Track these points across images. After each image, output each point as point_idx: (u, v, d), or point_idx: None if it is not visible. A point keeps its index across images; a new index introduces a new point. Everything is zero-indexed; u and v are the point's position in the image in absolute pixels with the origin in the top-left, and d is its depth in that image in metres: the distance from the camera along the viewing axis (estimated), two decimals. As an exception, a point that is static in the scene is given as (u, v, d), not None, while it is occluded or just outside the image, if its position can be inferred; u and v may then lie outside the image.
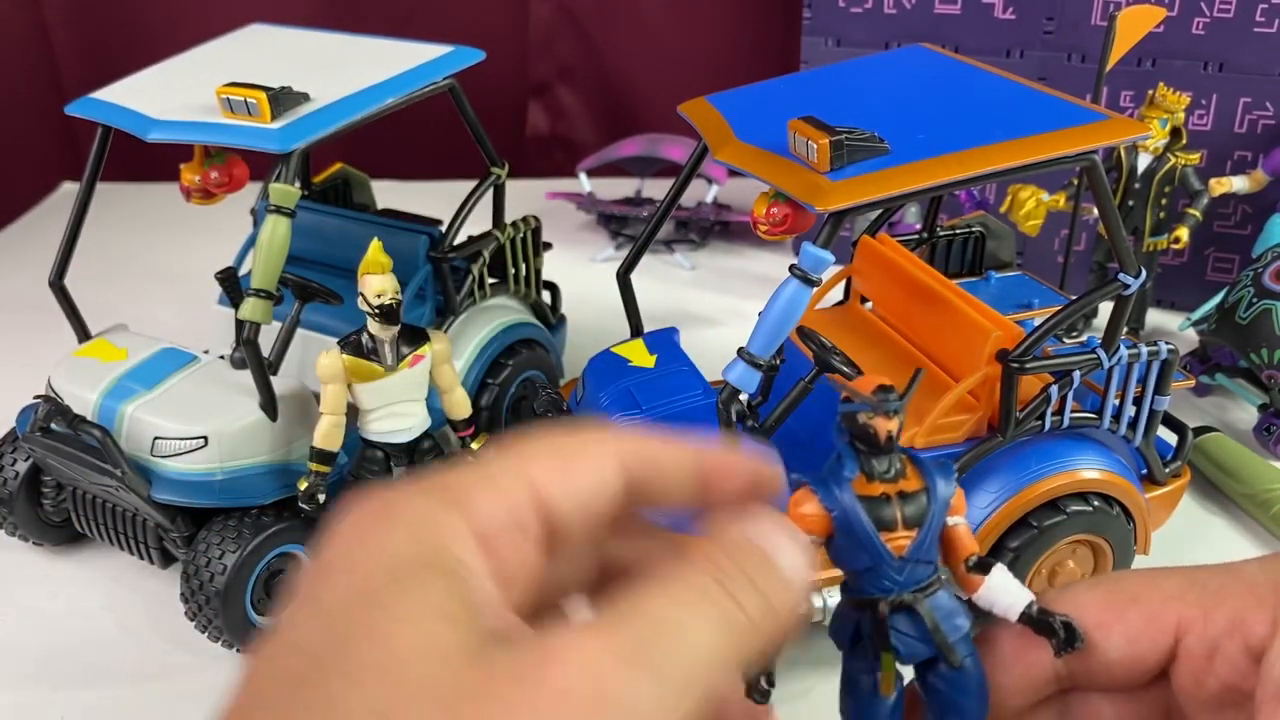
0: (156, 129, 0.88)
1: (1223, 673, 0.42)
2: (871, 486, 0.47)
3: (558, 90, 2.05)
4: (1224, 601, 0.42)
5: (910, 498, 0.48)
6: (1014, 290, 1.08)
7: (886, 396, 0.47)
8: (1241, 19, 1.27)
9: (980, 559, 0.49)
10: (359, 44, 1.02)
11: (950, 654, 0.47)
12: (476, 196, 1.06)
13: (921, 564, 0.48)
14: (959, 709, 0.48)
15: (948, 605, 0.48)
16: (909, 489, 0.48)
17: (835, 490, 0.47)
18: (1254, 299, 1.12)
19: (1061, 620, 0.45)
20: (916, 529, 0.47)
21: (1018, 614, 0.47)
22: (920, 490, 0.48)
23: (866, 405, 0.47)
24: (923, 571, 0.48)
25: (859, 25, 1.46)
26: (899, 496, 0.48)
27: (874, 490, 0.47)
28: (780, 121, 0.76)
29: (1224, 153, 1.35)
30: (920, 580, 0.48)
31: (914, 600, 0.47)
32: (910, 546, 0.47)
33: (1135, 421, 0.89)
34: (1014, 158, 0.74)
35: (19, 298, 1.48)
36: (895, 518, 0.47)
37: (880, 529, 0.47)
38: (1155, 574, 0.46)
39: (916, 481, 0.48)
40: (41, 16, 1.95)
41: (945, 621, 0.48)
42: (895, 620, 0.48)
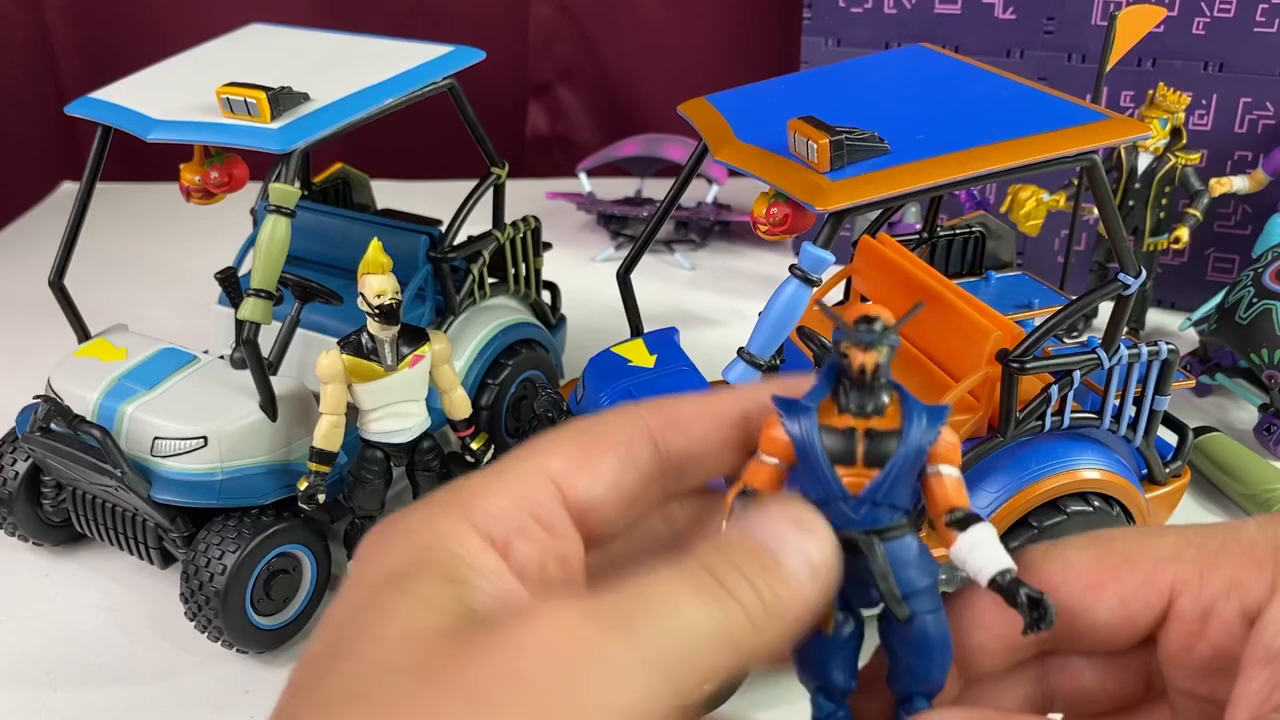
0: (156, 129, 0.87)
1: (1215, 637, 0.41)
2: (838, 418, 0.44)
3: (558, 90, 2.05)
4: (1221, 562, 0.41)
5: (879, 436, 0.44)
6: (1014, 290, 1.08)
7: (865, 327, 0.43)
8: (1242, 19, 1.27)
9: (964, 514, 0.45)
10: (359, 44, 1.02)
11: (896, 605, 0.44)
12: (476, 196, 1.06)
13: (884, 507, 0.44)
14: (910, 668, 0.44)
15: (909, 555, 0.44)
16: (881, 427, 0.44)
17: (799, 415, 0.45)
18: (1254, 299, 1.12)
19: (1029, 594, 0.42)
20: (878, 469, 0.44)
21: (987, 579, 0.43)
22: (894, 431, 0.44)
23: (846, 333, 0.43)
24: (884, 515, 0.44)
25: (859, 25, 1.46)
26: (867, 433, 0.44)
27: (840, 421, 0.44)
28: (780, 121, 0.76)
29: (1224, 153, 1.35)
30: (879, 523, 0.44)
31: (866, 541, 0.44)
32: (868, 486, 0.44)
33: (1135, 422, 0.89)
34: (1014, 158, 0.74)
35: (18, 297, 1.48)
36: (855, 453, 0.44)
37: (836, 462, 0.44)
38: (1149, 533, 0.44)
39: (894, 422, 0.44)
40: (42, 16, 1.95)
41: (900, 571, 0.44)
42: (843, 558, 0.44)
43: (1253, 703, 0.38)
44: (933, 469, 0.45)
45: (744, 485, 0.45)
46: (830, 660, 0.45)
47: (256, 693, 0.86)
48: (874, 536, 0.44)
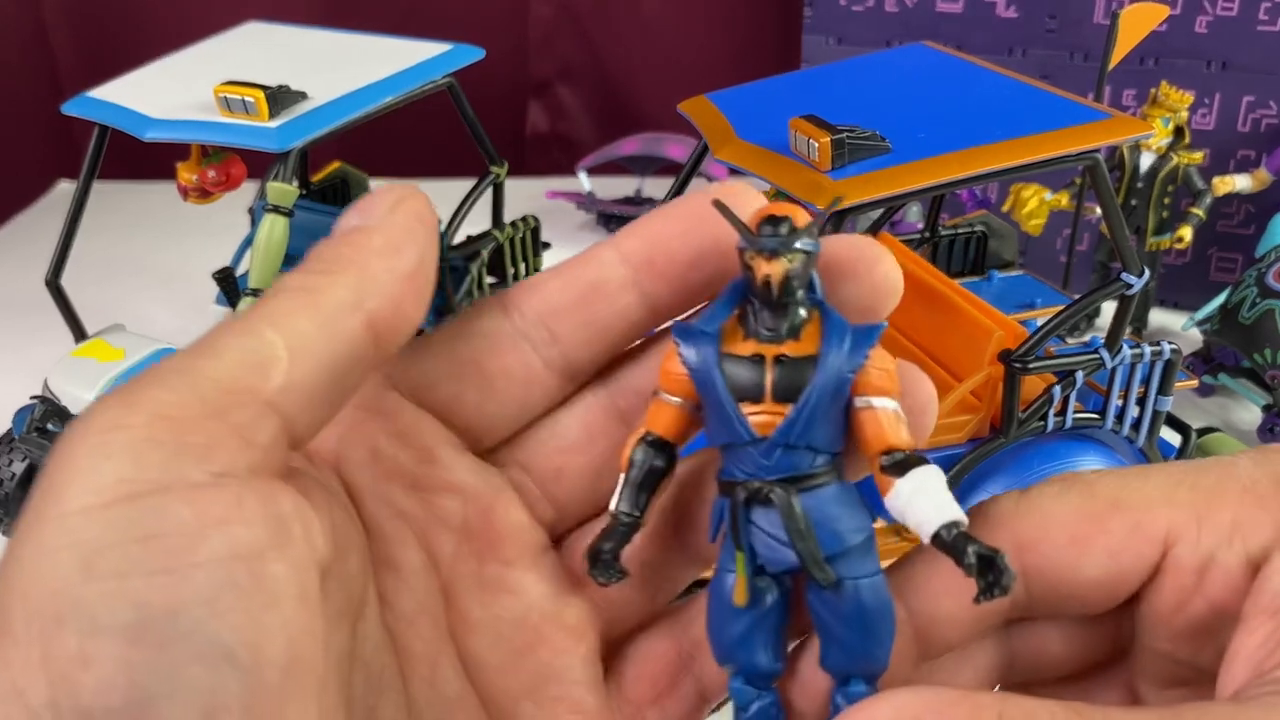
0: (153, 128, 0.87)
1: (1213, 590, 0.35)
2: (743, 344, 0.37)
3: (558, 88, 2.05)
4: (1220, 503, 0.36)
5: (792, 364, 0.36)
6: (1016, 290, 1.08)
7: (770, 230, 0.35)
8: (1245, 17, 1.27)
9: (903, 456, 0.36)
10: (357, 42, 1.01)
11: (819, 569, 0.36)
12: (475, 195, 1.06)
13: (800, 451, 0.36)
14: (844, 645, 0.37)
15: (834, 508, 0.37)
16: (794, 353, 0.36)
17: (699, 343, 0.37)
18: (1257, 299, 1.11)
19: (979, 552, 0.34)
20: (789, 404, 0.36)
21: (930, 534, 0.35)
22: (810, 357, 0.36)
23: (746, 240, 0.36)
24: (801, 460, 0.36)
25: (860, 23, 1.46)
26: (776, 361, 0.36)
27: (744, 348, 0.37)
28: (781, 120, 0.76)
29: (1227, 152, 1.34)
30: (795, 469, 0.36)
31: (779, 493, 0.36)
32: (779, 426, 0.36)
33: (1138, 422, 0.88)
34: (1016, 156, 0.73)
35: (15, 297, 1.47)
36: (763, 386, 0.36)
37: (741, 398, 0.36)
38: (1132, 474, 0.38)
39: (811, 347, 0.36)
40: (39, 13, 1.94)
41: (823, 527, 0.36)
42: (754, 513, 0.37)
43: (1256, 657, 0.33)
44: (862, 402, 0.37)
45: (645, 431, 0.39)
46: (749, 638, 0.38)
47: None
48: (789, 487, 0.36)
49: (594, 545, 0.38)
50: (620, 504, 0.39)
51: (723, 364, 0.37)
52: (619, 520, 0.38)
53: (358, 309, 0.34)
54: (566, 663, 0.39)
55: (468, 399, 0.39)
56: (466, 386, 0.39)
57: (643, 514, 0.39)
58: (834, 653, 0.37)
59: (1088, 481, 0.38)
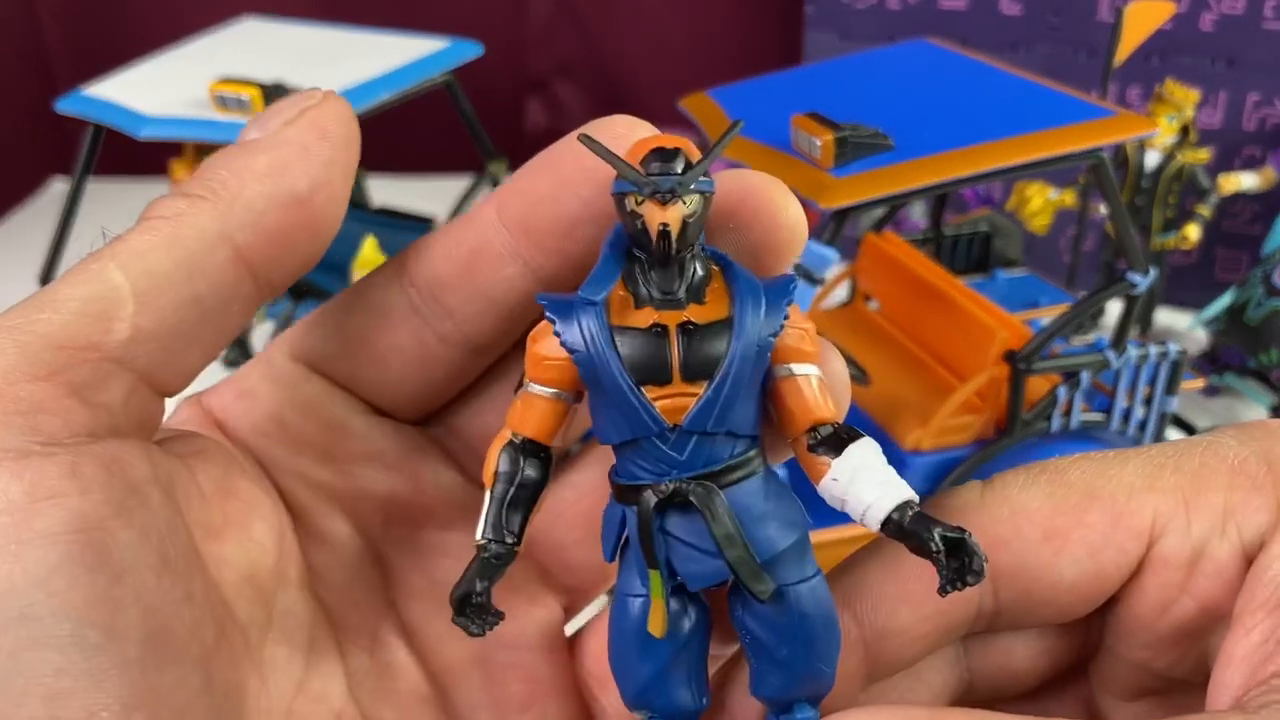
0: (148, 126, 0.86)
1: (1203, 587, 0.31)
2: (637, 313, 0.30)
3: (556, 85, 2.04)
4: (1209, 486, 0.31)
5: (702, 333, 0.29)
6: (1021, 289, 1.07)
7: (661, 167, 0.29)
8: (1251, 15, 1.26)
9: (834, 430, 0.30)
10: (354, 38, 1.01)
11: (753, 579, 0.29)
12: (474, 193, 1.05)
13: (719, 438, 0.30)
14: (783, 664, 0.30)
15: (759, 504, 0.30)
16: (702, 319, 0.30)
17: (582, 318, 0.30)
18: (1263, 298, 1.11)
19: (944, 534, 0.28)
20: (706, 382, 0.29)
21: (879, 521, 0.29)
22: (721, 322, 0.30)
23: (634, 182, 0.29)
24: (720, 449, 0.30)
25: (862, 20, 1.45)
26: (682, 331, 0.29)
27: (640, 318, 0.30)
28: (783, 117, 0.75)
29: (1233, 149, 1.33)
30: (714, 462, 0.30)
31: (700, 493, 0.29)
32: (694, 409, 0.29)
33: (1144, 423, 0.87)
34: (1020, 154, 0.73)
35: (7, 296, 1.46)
36: (669, 363, 0.29)
37: (643, 380, 0.29)
38: (1109, 459, 0.33)
39: (720, 310, 0.30)
40: (33, 9, 1.94)
41: (753, 528, 0.30)
42: (668, 521, 0.30)
43: (1252, 660, 0.29)
44: (782, 370, 0.30)
45: (511, 434, 0.32)
46: (667, 675, 0.31)
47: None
48: (709, 484, 0.30)
49: (460, 587, 0.30)
50: (487, 530, 0.31)
51: (615, 340, 0.29)
52: (489, 551, 0.31)
53: (224, 241, 0.30)
54: (518, 628, 0.36)
55: (364, 375, 0.35)
56: (361, 363, 0.35)
57: (518, 539, 0.31)
58: (771, 676, 0.31)
59: (1059, 468, 0.33)
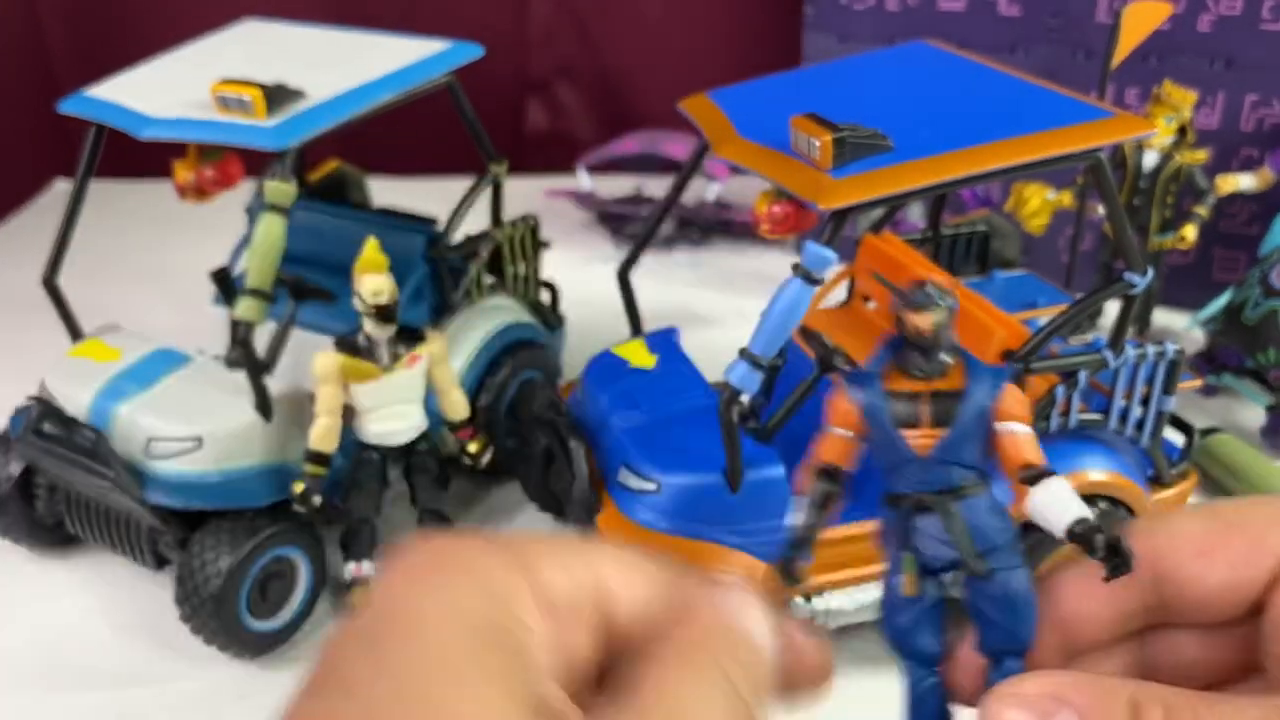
0: (150, 127, 0.87)
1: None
2: (902, 382, 0.47)
3: (557, 87, 2.04)
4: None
5: (944, 397, 0.46)
6: (1019, 289, 1.07)
7: (918, 289, 0.46)
8: (1249, 16, 1.26)
9: (1037, 471, 0.47)
10: (355, 39, 1.01)
11: (975, 560, 0.45)
12: (474, 194, 1.05)
13: (953, 467, 0.46)
14: (996, 626, 0.45)
15: (984, 513, 0.46)
16: (945, 388, 0.46)
17: (866, 385, 0.47)
18: (1261, 299, 1.11)
19: (1107, 540, 0.42)
20: (944, 429, 0.46)
21: (1063, 531, 0.45)
22: (957, 391, 0.46)
23: (901, 299, 0.46)
24: (954, 475, 0.46)
25: (861, 21, 1.45)
26: (931, 395, 0.46)
27: (903, 386, 0.47)
28: (782, 118, 0.75)
29: (1231, 150, 1.34)
30: (951, 483, 0.46)
31: (939, 502, 0.46)
32: (936, 447, 0.46)
33: (1142, 422, 0.88)
34: (1019, 155, 0.73)
35: (11, 296, 1.46)
36: (921, 416, 0.46)
37: (902, 425, 0.46)
38: (1251, 502, 0.45)
39: (957, 382, 0.46)
40: (35, 11, 1.94)
41: (976, 528, 0.46)
42: (918, 521, 0.46)
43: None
44: (1003, 428, 0.46)
45: (818, 461, 0.50)
46: (916, 627, 0.47)
47: (251, 698, 0.84)
48: (947, 496, 0.46)
49: (780, 562, 0.52)
50: (807, 523, 0.50)
51: (887, 399, 0.46)
52: (802, 532, 0.50)
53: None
54: None
55: None
56: None
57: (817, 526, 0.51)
58: (988, 635, 0.45)
59: (1213, 508, 0.44)
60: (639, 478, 0.81)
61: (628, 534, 0.80)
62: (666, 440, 0.83)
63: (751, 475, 0.78)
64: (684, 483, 0.79)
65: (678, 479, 0.80)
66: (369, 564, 0.92)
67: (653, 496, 0.80)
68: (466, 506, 1.07)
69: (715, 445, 0.78)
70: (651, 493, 0.80)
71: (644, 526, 0.80)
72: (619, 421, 0.86)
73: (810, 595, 0.82)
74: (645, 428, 0.85)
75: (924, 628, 0.47)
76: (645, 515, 0.80)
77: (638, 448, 0.83)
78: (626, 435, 0.84)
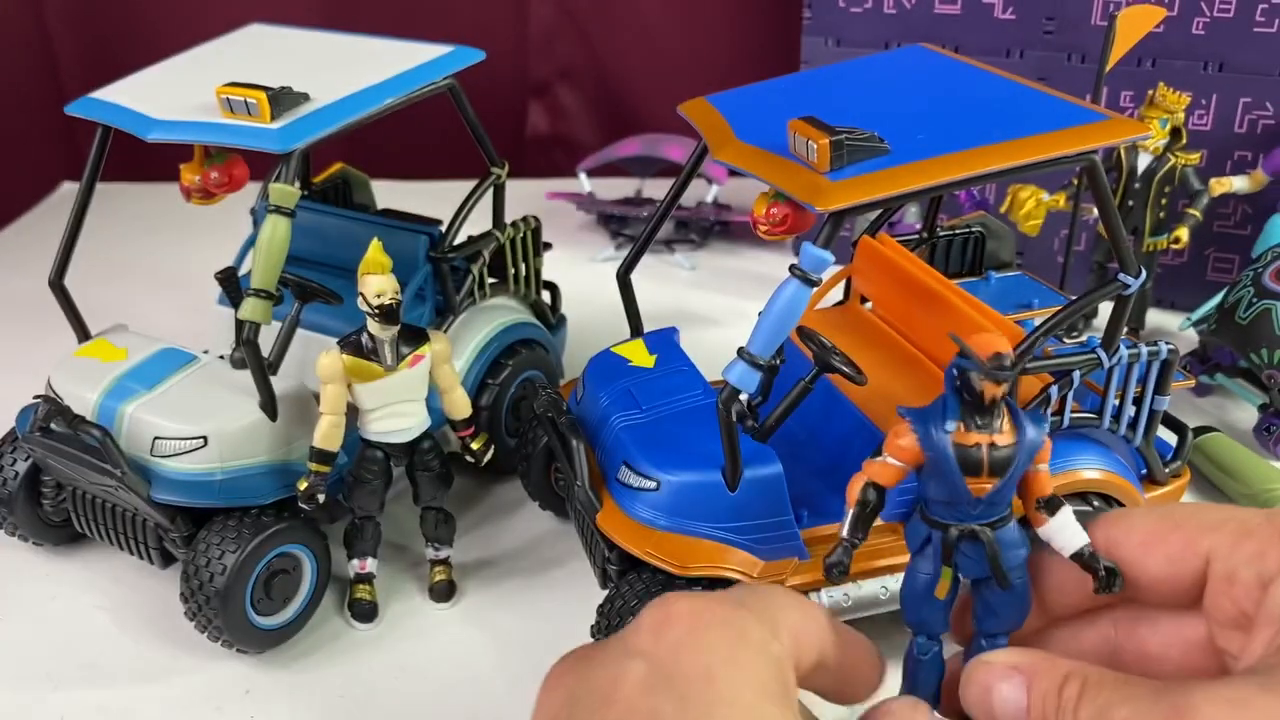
0: (156, 129, 0.87)
1: (1237, 596, 0.47)
2: (968, 436, 0.55)
3: (558, 90, 2.05)
4: (1252, 536, 0.48)
5: (1001, 449, 0.55)
6: (1014, 290, 1.08)
7: (1001, 365, 0.54)
8: (1241, 19, 1.27)
9: (1049, 500, 0.58)
10: (359, 44, 1.02)
11: (1003, 578, 0.57)
12: (476, 196, 1.06)
13: (996, 505, 0.57)
14: (996, 615, 0.59)
15: (1012, 538, 0.58)
16: (1001, 442, 0.55)
17: (934, 433, 0.56)
18: (1254, 299, 1.12)
19: (1106, 566, 0.54)
20: (999, 477, 0.55)
21: (1071, 553, 0.56)
22: (1012, 445, 0.55)
23: (980, 369, 0.54)
24: (996, 510, 0.57)
25: (859, 25, 1.46)
26: (990, 447, 0.55)
27: (968, 439, 0.55)
28: (780, 121, 0.76)
29: (1224, 153, 1.35)
30: (991, 517, 0.57)
31: (981, 532, 0.57)
32: (990, 491, 0.56)
33: (1135, 421, 0.89)
34: (1014, 158, 0.74)
35: (18, 298, 1.48)
36: (983, 463, 0.55)
37: (966, 474, 0.55)
38: (1203, 508, 0.52)
39: (1010, 436, 0.56)
40: (42, 15, 1.95)
41: (1006, 552, 0.57)
42: (962, 545, 0.58)
43: (1256, 654, 0.45)
44: (1033, 468, 0.58)
45: (868, 481, 0.60)
46: (936, 614, 0.61)
47: (256, 693, 0.86)
48: (988, 528, 0.57)
49: (828, 561, 0.61)
50: (853, 531, 0.61)
51: (954, 449, 0.56)
52: (851, 542, 0.61)
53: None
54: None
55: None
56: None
57: (864, 540, 0.62)
58: (989, 620, 0.59)
59: (1169, 509, 0.53)
60: (639, 476, 0.82)
61: (627, 531, 0.81)
62: (666, 439, 0.84)
63: (750, 474, 0.79)
64: (683, 481, 0.80)
65: (677, 477, 0.81)
66: (372, 560, 0.93)
67: (652, 494, 0.81)
68: (468, 504, 1.08)
69: (714, 444, 0.79)
70: (651, 490, 0.81)
71: (643, 524, 0.81)
72: (619, 420, 0.87)
73: (804, 593, 0.83)
74: (645, 426, 0.86)
75: (941, 615, 0.61)
76: (645, 513, 0.81)
77: (637, 446, 0.84)
78: (626, 434, 0.85)
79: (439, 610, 0.94)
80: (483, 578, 0.98)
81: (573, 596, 0.95)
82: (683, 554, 0.79)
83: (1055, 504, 0.57)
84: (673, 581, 0.79)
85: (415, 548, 0.99)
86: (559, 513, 1.06)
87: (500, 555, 1.02)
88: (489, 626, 0.92)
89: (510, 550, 1.02)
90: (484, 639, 0.91)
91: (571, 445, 0.86)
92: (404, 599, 0.96)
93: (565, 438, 0.88)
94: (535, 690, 0.47)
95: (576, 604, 0.92)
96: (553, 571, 0.99)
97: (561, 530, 1.05)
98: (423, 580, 0.97)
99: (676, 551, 0.79)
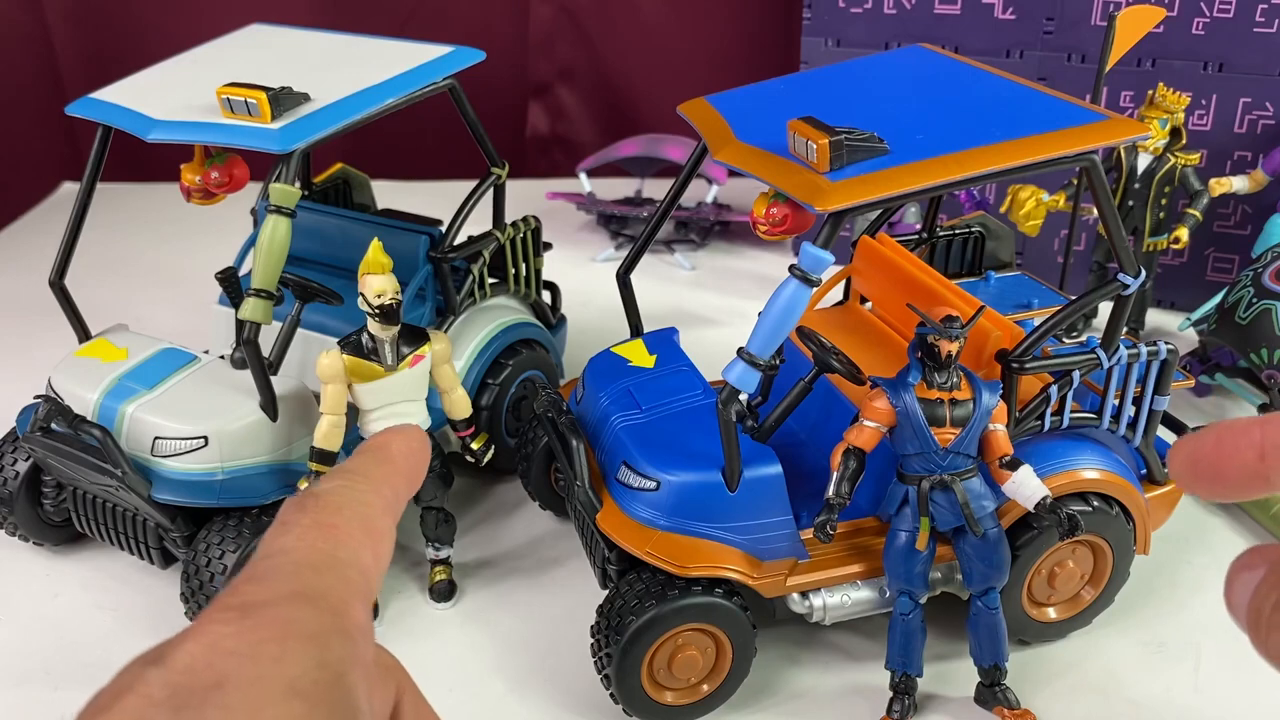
0: (157, 129, 0.88)
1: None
2: (930, 392, 0.68)
3: (558, 90, 2.05)
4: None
5: (960, 404, 0.68)
6: (1013, 290, 1.08)
7: (951, 324, 0.68)
8: (1241, 19, 1.27)
9: (1011, 458, 0.70)
10: (359, 44, 1.02)
11: (974, 525, 0.68)
12: (477, 196, 1.06)
13: (961, 456, 0.68)
14: (979, 569, 0.69)
15: (978, 489, 0.70)
16: (960, 397, 0.68)
17: (902, 392, 0.68)
18: (1254, 299, 1.12)
19: (1066, 513, 0.67)
20: (960, 428, 0.68)
21: (1034, 505, 0.67)
22: (968, 399, 0.68)
23: (936, 329, 0.68)
24: (962, 462, 0.69)
25: (859, 25, 1.46)
26: (950, 402, 0.68)
27: (931, 394, 0.68)
28: (780, 122, 0.76)
29: (1224, 153, 1.35)
30: (959, 468, 0.68)
31: (951, 481, 0.68)
32: (954, 440, 0.68)
33: (1135, 421, 0.89)
34: (1014, 158, 0.74)
35: (19, 298, 1.48)
36: (945, 417, 0.68)
37: (932, 424, 0.68)
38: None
39: (967, 393, 0.69)
40: (43, 16, 1.95)
41: (974, 500, 0.68)
42: (934, 495, 0.69)
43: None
44: (993, 427, 0.71)
45: (850, 445, 0.71)
46: (916, 572, 0.71)
47: (257, 692, 0.85)
48: (956, 477, 0.69)
49: (817, 520, 0.72)
50: (839, 490, 0.73)
51: (921, 404, 0.69)
52: (838, 501, 0.72)
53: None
54: None
55: None
56: None
57: (849, 498, 0.73)
58: (973, 576, 0.72)
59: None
60: (639, 475, 0.82)
61: (627, 531, 0.81)
62: (666, 439, 0.84)
63: (749, 473, 0.79)
64: (683, 480, 0.80)
65: (677, 477, 0.81)
66: (372, 561, 0.93)
67: (652, 494, 0.81)
68: (468, 504, 1.08)
69: (714, 444, 0.79)
70: (651, 490, 0.81)
71: (643, 524, 0.81)
72: (619, 420, 0.87)
73: (803, 593, 0.83)
74: (645, 426, 0.86)
75: (923, 575, 0.70)
76: (644, 513, 0.81)
77: (637, 446, 0.84)
78: (626, 434, 0.86)
79: (439, 610, 0.94)
80: (483, 578, 0.98)
81: (573, 596, 0.95)
82: (682, 554, 0.79)
83: (1015, 462, 0.70)
84: (673, 581, 0.79)
85: (415, 548, 0.99)
86: (559, 513, 1.06)
87: (500, 555, 1.02)
88: (489, 626, 0.92)
89: (510, 550, 1.02)
90: (484, 639, 0.91)
91: (571, 445, 0.86)
92: (404, 599, 0.96)
93: (565, 438, 0.88)
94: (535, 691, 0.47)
95: (576, 604, 0.92)
96: (553, 571, 0.99)
97: (561, 530, 1.05)
98: (423, 580, 0.97)
99: (676, 551, 0.79)
